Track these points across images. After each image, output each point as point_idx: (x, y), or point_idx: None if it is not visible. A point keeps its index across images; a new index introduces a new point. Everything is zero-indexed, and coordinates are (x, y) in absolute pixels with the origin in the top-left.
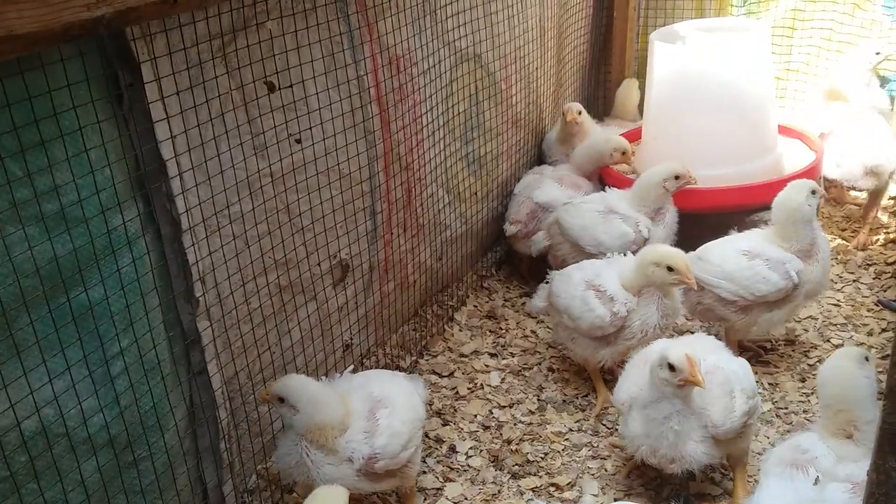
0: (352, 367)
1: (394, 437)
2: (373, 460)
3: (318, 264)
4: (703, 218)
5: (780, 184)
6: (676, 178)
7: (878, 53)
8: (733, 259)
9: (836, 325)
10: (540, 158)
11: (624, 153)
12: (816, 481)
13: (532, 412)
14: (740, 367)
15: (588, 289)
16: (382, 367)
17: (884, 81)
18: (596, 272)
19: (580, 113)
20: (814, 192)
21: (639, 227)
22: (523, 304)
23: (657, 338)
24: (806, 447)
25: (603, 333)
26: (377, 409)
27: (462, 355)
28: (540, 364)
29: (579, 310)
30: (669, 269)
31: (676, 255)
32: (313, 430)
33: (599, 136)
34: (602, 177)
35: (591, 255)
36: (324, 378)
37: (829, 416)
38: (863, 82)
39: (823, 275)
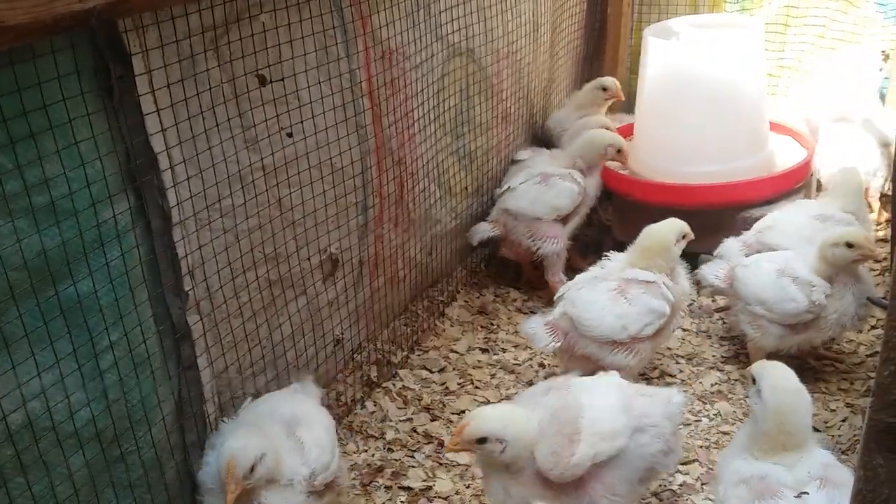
0: (249, 398)
1: (322, 448)
2: (311, 477)
3: (309, 258)
4: (694, 214)
5: (772, 181)
6: (619, 151)
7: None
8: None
9: None
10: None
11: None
12: (800, 496)
13: None
14: None
15: (782, 276)
16: (374, 362)
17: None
18: (786, 260)
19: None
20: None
21: (576, 180)
22: (514, 300)
23: (854, 328)
24: (760, 473)
25: (797, 321)
26: (295, 428)
27: (453, 351)
28: (531, 359)
29: (776, 297)
30: (850, 245)
31: (855, 232)
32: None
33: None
34: None
35: (543, 224)
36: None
37: (771, 435)
38: (862, 95)
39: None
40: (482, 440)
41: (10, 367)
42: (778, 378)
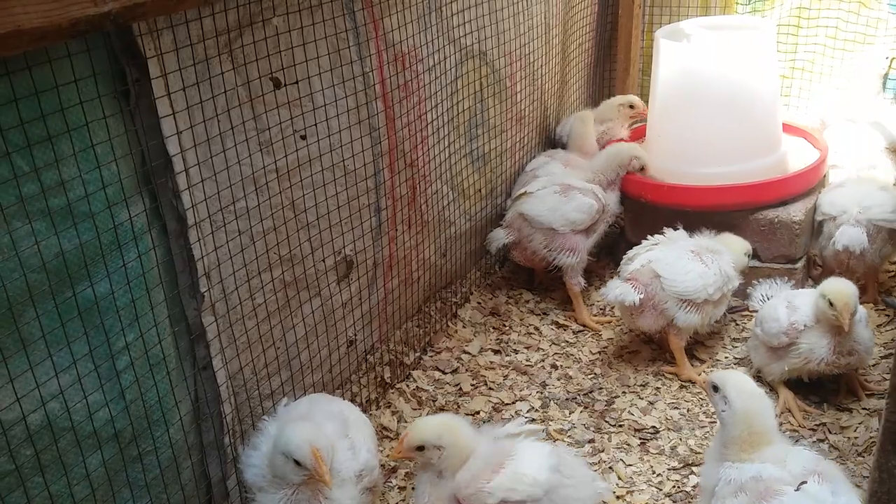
0: (285, 399)
1: (371, 453)
2: (360, 477)
3: (323, 260)
4: (707, 216)
5: (786, 182)
6: (642, 169)
7: (887, 58)
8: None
9: None
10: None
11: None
12: (799, 488)
13: (535, 409)
14: None
15: (783, 302)
16: (387, 363)
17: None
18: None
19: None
20: None
21: (597, 195)
22: (527, 301)
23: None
24: (754, 475)
25: (777, 344)
26: (347, 429)
27: (465, 352)
28: (543, 361)
29: (767, 316)
30: (831, 304)
31: (840, 292)
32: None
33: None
34: None
35: (560, 236)
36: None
37: (742, 438)
38: (873, 92)
39: None
40: (420, 447)
41: (28, 367)
42: (739, 382)
